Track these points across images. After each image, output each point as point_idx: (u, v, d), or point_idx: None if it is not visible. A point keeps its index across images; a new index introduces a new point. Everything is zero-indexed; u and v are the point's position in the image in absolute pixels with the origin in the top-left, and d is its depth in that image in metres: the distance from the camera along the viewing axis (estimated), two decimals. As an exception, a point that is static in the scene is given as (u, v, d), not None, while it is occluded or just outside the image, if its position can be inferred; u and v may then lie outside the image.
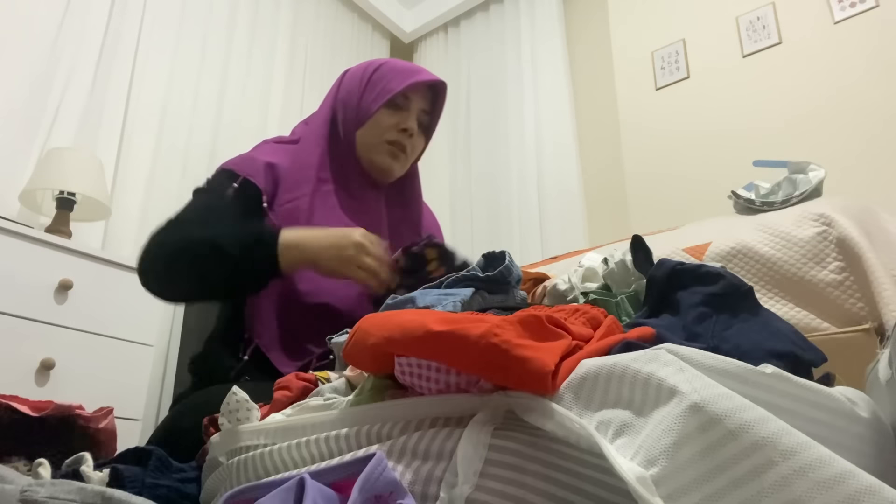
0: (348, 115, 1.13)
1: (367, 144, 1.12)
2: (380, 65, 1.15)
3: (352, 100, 1.13)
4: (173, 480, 0.59)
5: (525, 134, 3.07)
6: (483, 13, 3.54)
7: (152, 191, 2.32)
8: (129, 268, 1.81)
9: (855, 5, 2.37)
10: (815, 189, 1.34)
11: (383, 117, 1.11)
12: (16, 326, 1.53)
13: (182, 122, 2.48)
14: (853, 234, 1.07)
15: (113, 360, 1.71)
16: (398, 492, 0.37)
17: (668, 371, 0.35)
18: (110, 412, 0.97)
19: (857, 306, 1.04)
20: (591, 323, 0.54)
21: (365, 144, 1.12)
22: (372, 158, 1.12)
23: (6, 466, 0.60)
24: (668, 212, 2.52)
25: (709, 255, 1.19)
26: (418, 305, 0.70)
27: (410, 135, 1.13)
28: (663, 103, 2.81)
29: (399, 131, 1.11)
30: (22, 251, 1.59)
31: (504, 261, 0.77)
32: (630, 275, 0.71)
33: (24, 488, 0.43)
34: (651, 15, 2.96)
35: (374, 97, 1.11)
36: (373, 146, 1.12)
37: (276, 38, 3.00)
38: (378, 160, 1.12)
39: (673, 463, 0.32)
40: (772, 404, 0.34)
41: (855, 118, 2.28)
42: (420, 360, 0.46)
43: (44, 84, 2.08)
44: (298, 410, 0.56)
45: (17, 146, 1.98)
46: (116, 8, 2.33)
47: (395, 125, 1.11)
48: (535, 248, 2.84)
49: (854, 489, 0.28)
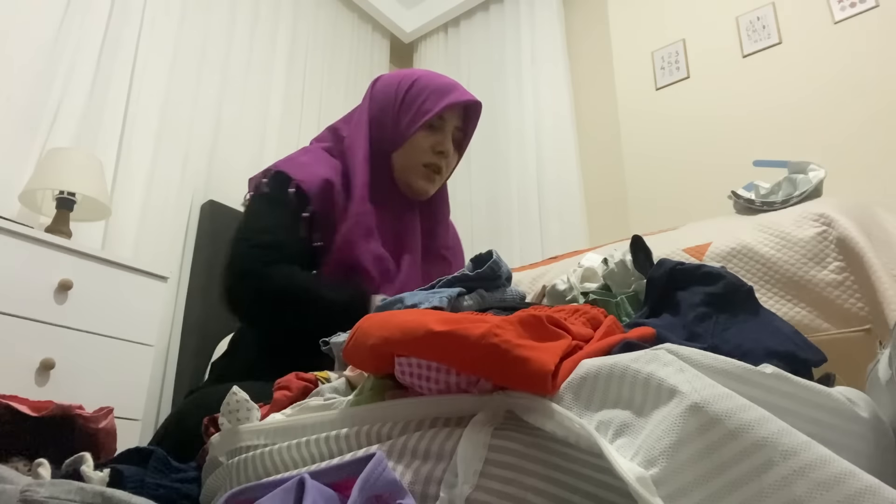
0: (385, 136, 1.13)
1: (404, 167, 1.12)
2: (414, 80, 1.14)
3: (386, 119, 1.13)
4: (173, 480, 0.59)
5: (525, 134, 3.07)
6: (483, 13, 3.54)
7: (152, 191, 2.32)
8: (129, 268, 1.81)
9: (855, 5, 2.37)
10: (815, 189, 1.33)
11: (419, 140, 1.11)
12: (16, 326, 1.53)
13: (182, 122, 2.48)
14: (853, 234, 1.07)
15: (113, 360, 1.71)
16: (398, 492, 0.37)
17: (669, 371, 0.35)
18: (110, 412, 0.97)
19: (857, 306, 1.04)
20: (591, 323, 0.54)
21: (402, 167, 1.13)
22: (409, 181, 1.13)
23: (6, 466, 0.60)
24: (668, 212, 2.52)
25: (709, 255, 1.18)
26: (406, 304, 0.71)
27: (446, 156, 1.14)
28: (663, 103, 2.81)
29: (435, 153, 1.12)
30: (22, 251, 1.59)
31: (491, 258, 0.78)
32: (630, 275, 0.71)
33: (24, 488, 0.43)
34: (651, 15, 2.96)
35: (409, 119, 1.11)
36: (409, 169, 1.12)
37: (276, 39, 3.00)
38: (414, 184, 1.13)
39: (673, 463, 0.32)
40: (772, 404, 0.34)
41: (855, 118, 2.28)
42: (420, 361, 0.46)
43: (44, 84, 2.08)
44: (298, 410, 0.56)
45: (17, 146, 1.98)
46: (116, 8, 2.33)
47: (432, 147, 1.12)
48: (535, 248, 2.84)
49: (854, 489, 0.28)
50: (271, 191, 1.07)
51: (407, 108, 1.12)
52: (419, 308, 0.69)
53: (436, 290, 0.75)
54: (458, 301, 0.75)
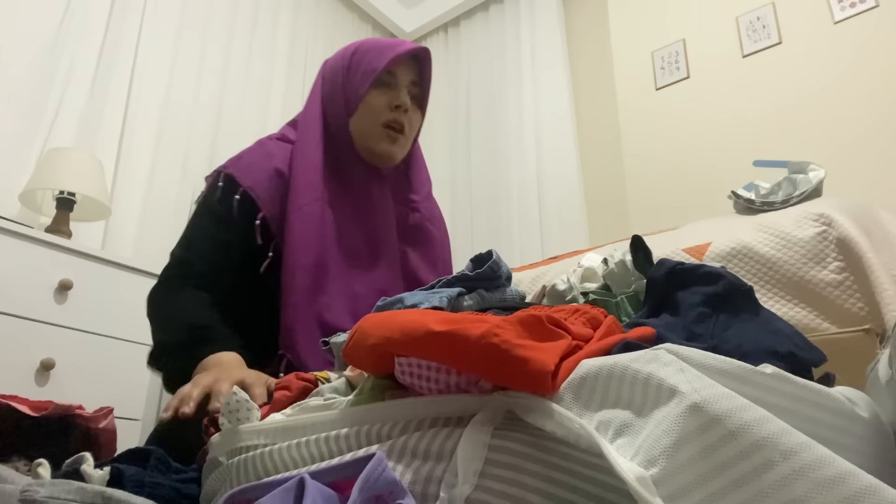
0: (337, 106, 1.09)
1: (363, 132, 1.07)
2: (356, 47, 1.11)
3: (337, 90, 1.09)
4: (173, 480, 0.59)
5: (525, 134, 3.07)
6: (483, 13, 3.54)
7: (152, 191, 2.32)
8: (129, 268, 1.81)
9: (855, 5, 2.37)
10: (815, 189, 1.34)
11: (373, 99, 1.06)
12: (16, 326, 1.53)
13: (182, 122, 2.48)
14: (853, 234, 1.07)
15: (113, 360, 1.71)
16: (398, 492, 0.37)
17: (668, 371, 0.35)
18: (110, 412, 0.97)
19: (857, 306, 1.04)
20: (591, 323, 0.54)
21: (361, 132, 1.08)
22: (370, 146, 1.08)
23: (6, 466, 0.60)
24: (668, 212, 2.52)
25: (709, 255, 1.18)
26: (406, 304, 0.71)
27: (405, 110, 1.08)
28: (663, 103, 2.81)
29: (392, 109, 1.07)
30: (22, 251, 1.59)
31: (491, 258, 0.77)
32: (630, 275, 0.71)
33: (24, 488, 0.43)
34: (651, 15, 2.96)
35: (358, 80, 1.07)
36: (369, 132, 1.07)
37: (276, 38, 3.01)
38: (377, 147, 1.08)
39: (673, 463, 0.32)
40: (772, 404, 0.34)
41: (855, 118, 2.28)
42: (420, 361, 0.46)
43: (44, 84, 2.08)
44: (298, 410, 0.56)
45: (17, 146, 1.98)
46: (116, 8, 2.33)
47: (388, 104, 1.06)
48: (535, 248, 2.84)
49: (854, 489, 0.28)
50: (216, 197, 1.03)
51: (354, 72, 1.08)
52: (419, 308, 0.69)
53: (436, 290, 0.75)
54: (458, 301, 0.75)
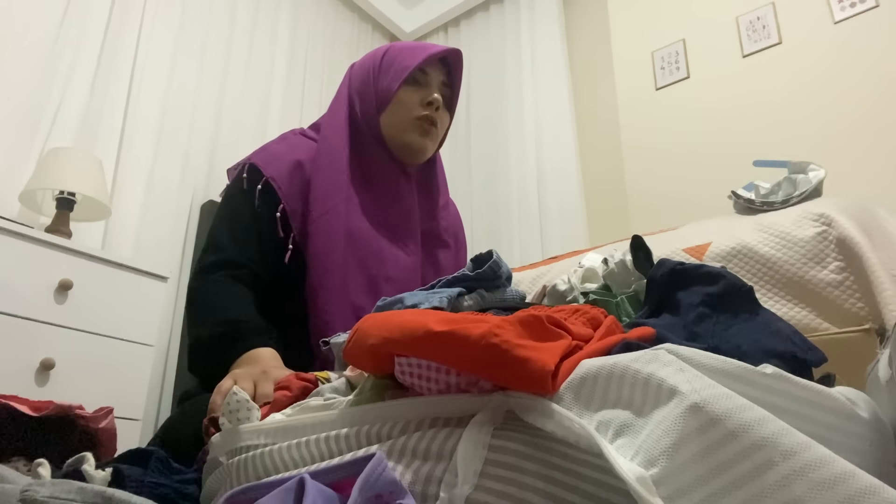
0: (367, 103, 1.10)
1: (395, 125, 1.08)
2: (387, 49, 1.12)
3: (367, 88, 1.10)
4: (174, 481, 0.59)
5: (525, 134, 3.07)
6: (483, 13, 3.54)
7: (152, 191, 2.32)
8: (129, 268, 1.81)
9: (855, 5, 2.37)
10: (815, 189, 1.34)
11: (406, 95, 1.08)
12: (16, 326, 1.53)
13: (182, 122, 2.48)
14: (853, 234, 1.07)
15: (113, 360, 1.71)
16: (398, 492, 0.37)
17: (669, 371, 0.35)
18: (110, 412, 0.97)
19: (857, 306, 1.04)
20: (591, 323, 0.54)
21: (392, 126, 1.08)
22: (403, 139, 1.09)
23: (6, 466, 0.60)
24: (668, 212, 2.52)
25: (709, 255, 1.19)
26: (406, 304, 0.71)
27: (437, 108, 1.09)
28: (663, 103, 2.81)
29: (425, 105, 1.08)
30: (22, 251, 1.59)
31: (491, 258, 0.78)
32: (630, 275, 0.71)
33: (25, 488, 0.43)
34: (651, 15, 2.96)
35: (391, 78, 1.08)
36: (401, 126, 1.08)
37: (276, 38, 3.01)
38: (410, 139, 1.08)
39: (673, 463, 0.32)
40: (772, 404, 0.34)
41: (855, 118, 2.28)
42: (420, 361, 0.46)
43: (44, 84, 2.08)
44: (298, 410, 0.56)
45: (17, 146, 1.98)
46: (116, 8, 2.33)
47: (420, 100, 1.08)
48: (535, 248, 2.84)
49: (854, 489, 0.28)
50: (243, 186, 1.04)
51: (386, 70, 1.09)
52: (419, 308, 0.70)
53: (436, 290, 0.75)
54: (458, 301, 0.75)
